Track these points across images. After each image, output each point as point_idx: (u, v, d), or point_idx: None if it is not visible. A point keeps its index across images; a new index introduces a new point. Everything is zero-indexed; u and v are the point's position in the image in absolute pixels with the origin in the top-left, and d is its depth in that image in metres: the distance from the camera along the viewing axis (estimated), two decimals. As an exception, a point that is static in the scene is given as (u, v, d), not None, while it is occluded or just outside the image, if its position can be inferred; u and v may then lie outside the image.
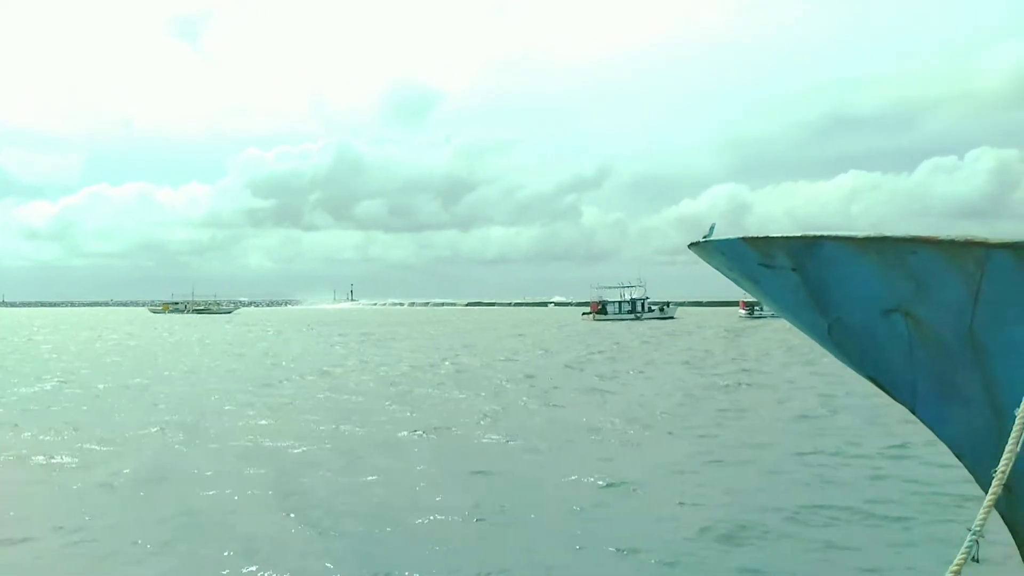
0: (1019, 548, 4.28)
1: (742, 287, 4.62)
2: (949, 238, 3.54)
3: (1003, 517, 4.18)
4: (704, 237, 4.33)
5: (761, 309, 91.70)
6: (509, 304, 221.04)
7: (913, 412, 4.46)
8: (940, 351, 4.07)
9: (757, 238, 4.01)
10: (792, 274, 4.03)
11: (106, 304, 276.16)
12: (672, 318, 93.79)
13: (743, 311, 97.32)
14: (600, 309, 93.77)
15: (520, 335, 54.57)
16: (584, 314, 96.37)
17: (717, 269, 4.62)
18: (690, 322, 79.16)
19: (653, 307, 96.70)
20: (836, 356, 4.54)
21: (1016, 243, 3.44)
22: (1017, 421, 3.13)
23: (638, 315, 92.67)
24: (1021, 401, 3.42)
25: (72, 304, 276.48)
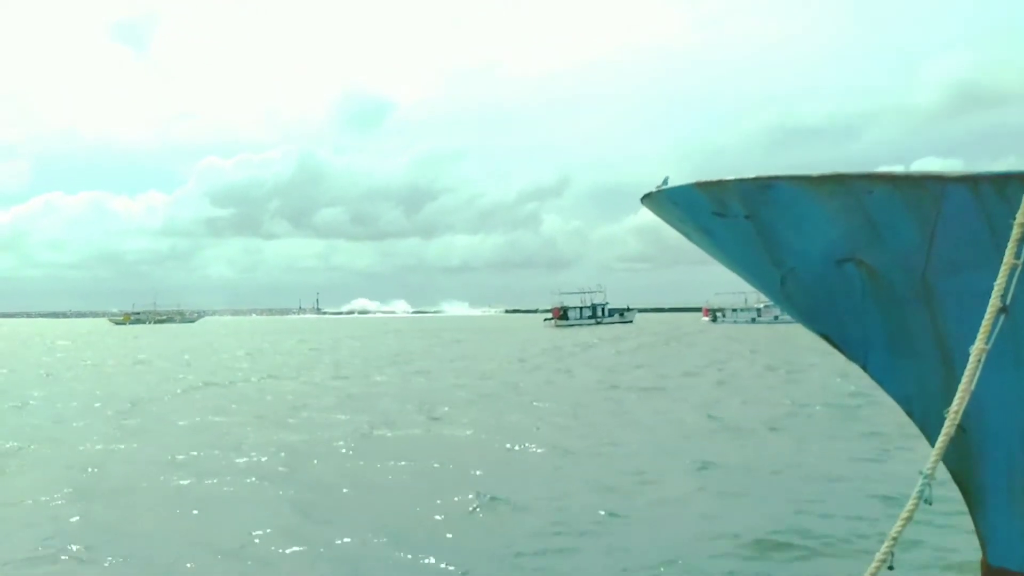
0: (964, 495, 4.24)
1: (693, 240, 4.49)
2: (905, 173, 3.47)
3: (949, 465, 4.12)
4: (657, 187, 4.21)
5: (724, 316, 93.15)
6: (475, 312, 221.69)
7: (864, 369, 4.38)
8: (893, 302, 3.99)
9: (710, 183, 3.90)
10: (745, 222, 3.93)
11: (64, 315, 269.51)
12: (630, 323, 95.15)
13: (706, 318, 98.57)
14: (561, 315, 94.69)
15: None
16: (546, 320, 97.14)
17: (670, 223, 4.51)
18: (645, 327, 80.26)
19: (613, 312, 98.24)
20: (787, 311, 4.46)
21: (974, 175, 3.33)
22: (971, 360, 3.04)
23: (599, 320, 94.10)
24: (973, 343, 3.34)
25: (28, 315, 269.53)
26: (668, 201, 4.25)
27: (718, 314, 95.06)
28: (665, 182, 4.21)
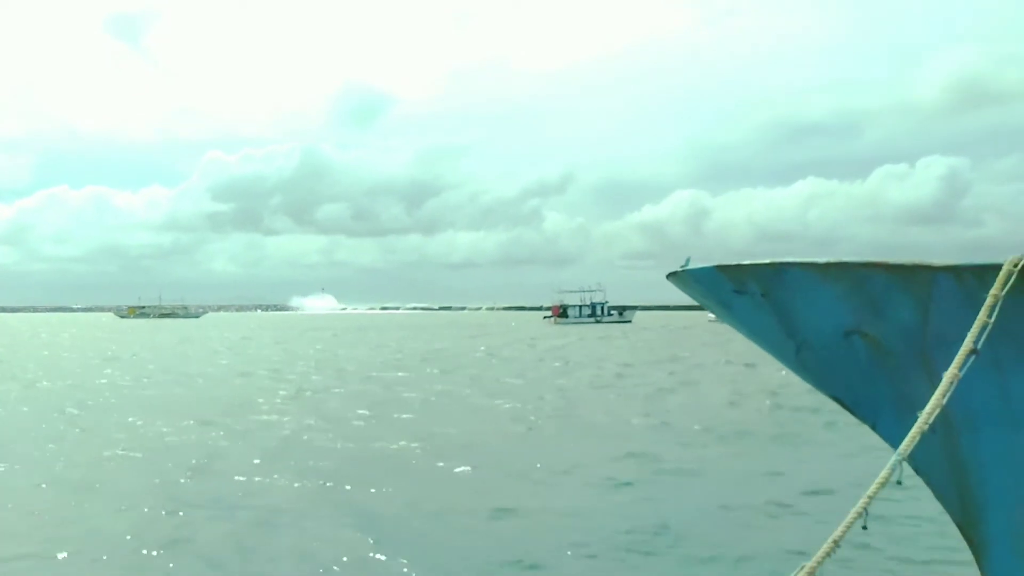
0: (969, 545, 4.61)
1: (716, 314, 4.91)
2: (899, 263, 3.88)
3: (954, 517, 4.52)
4: (681, 267, 4.62)
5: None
6: (480, 308, 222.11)
7: (874, 429, 4.77)
8: (897, 370, 4.40)
9: (730, 266, 4.31)
10: (762, 300, 4.33)
11: (69, 309, 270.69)
12: (629, 322, 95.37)
13: (712, 316, 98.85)
14: (561, 312, 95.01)
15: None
16: (545, 317, 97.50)
17: (693, 297, 4.91)
18: (642, 326, 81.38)
19: (612, 311, 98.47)
20: (803, 378, 4.85)
21: (957, 266, 3.77)
22: (943, 381, 3.50)
23: (598, 318, 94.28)
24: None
25: (34, 309, 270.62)
26: (692, 279, 4.65)
27: None
28: (687, 262, 4.62)
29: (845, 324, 4.28)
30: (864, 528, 3.57)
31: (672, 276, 4.77)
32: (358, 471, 11.47)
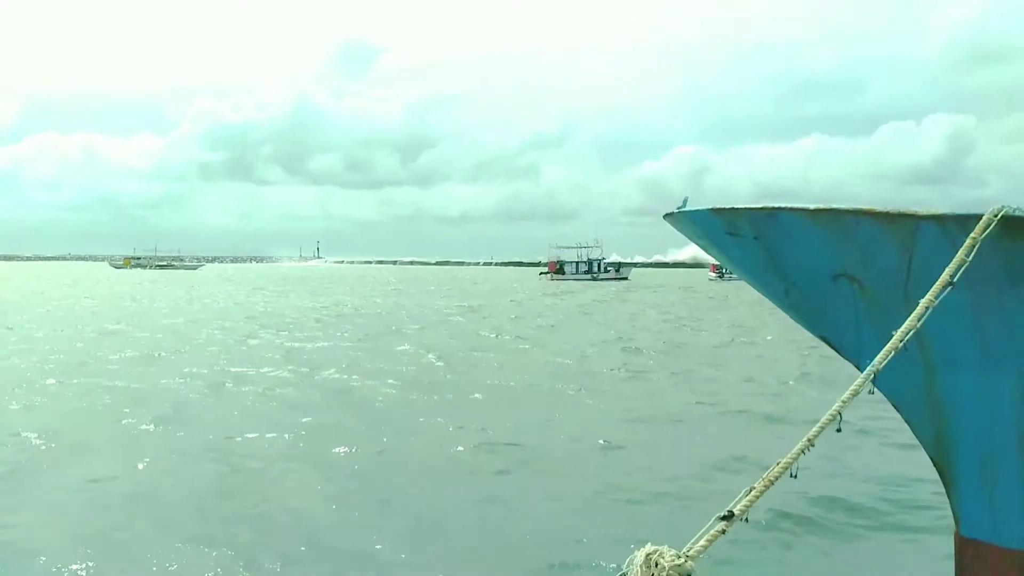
0: (940, 473, 4.86)
1: (710, 254, 5.09)
2: (886, 210, 4.06)
3: (926, 446, 4.81)
4: (677, 208, 4.76)
5: (731, 272, 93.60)
6: (477, 263, 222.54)
7: (858, 368, 4.97)
8: (882, 312, 4.59)
9: (724, 209, 4.47)
10: (754, 242, 4.49)
11: (64, 258, 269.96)
12: (626, 279, 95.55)
13: (713, 274, 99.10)
14: (558, 269, 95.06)
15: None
16: (541, 274, 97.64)
17: (688, 238, 5.07)
18: (641, 284, 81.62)
19: (609, 268, 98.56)
20: (793, 317, 5.04)
21: (942, 215, 3.96)
22: (919, 307, 3.68)
23: (594, 275, 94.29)
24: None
25: (28, 258, 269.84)
26: (688, 220, 4.80)
27: (723, 271, 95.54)
28: (684, 203, 4.76)
29: (833, 268, 4.47)
30: (838, 431, 3.76)
31: (669, 216, 4.92)
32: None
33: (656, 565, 2.29)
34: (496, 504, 8.16)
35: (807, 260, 4.47)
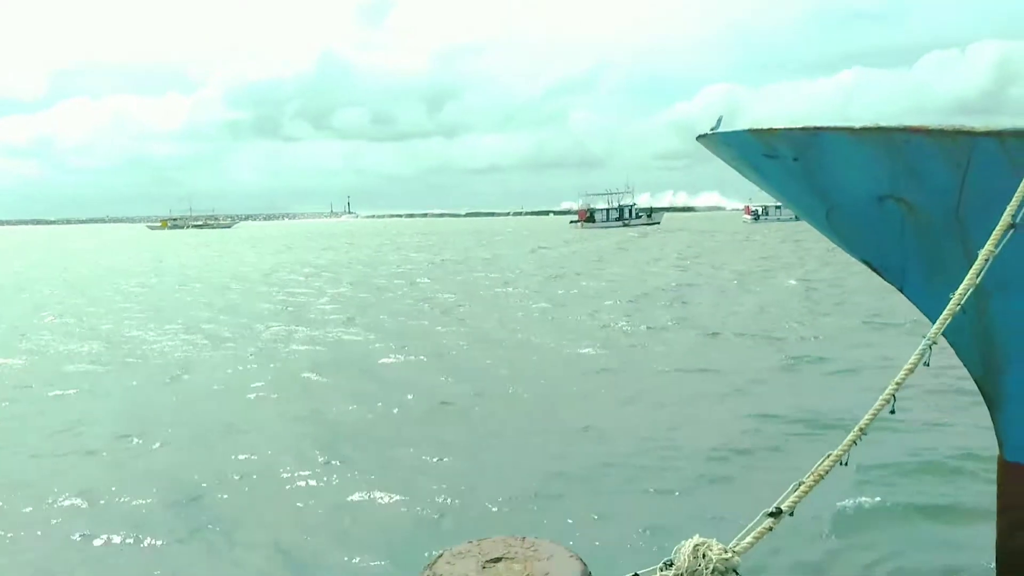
0: (984, 397, 4.76)
1: (747, 177, 4.91)
2: (939, 127, 3.85)
3: (971, 371, 4.68)
4: (712, 129, 4.59)
5: (767, 214, 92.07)
6: (507, 214, 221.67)
7: (902, 291, 4.84)
8: (929, 234, 4.42)
9: (761, 130, 4.29)
10: (793, 164, 4.32)
11: (103, 221, 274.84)
12: (658, 223, 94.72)
13: (748, 216, 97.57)
14: (588, 217, 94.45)
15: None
16: (572, 222, 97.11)
17: (723, 160, 4.90)
18: (672, 227, 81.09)
19: (640, 213, 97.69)
20: (833, 240, 4.89)
21: (1001, 131, 3.75)
22: (979, 259, 3.52)
23: (626, 222, 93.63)
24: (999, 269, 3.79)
25: (68, 221, 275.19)
26: (722, 143, 4.64)
27: (760, 213, 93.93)
28: (719, 123, 4.58)
29: (879, 189, 4.28)
30: (892, 412, 3.63)
31: (702, 138, 4.75)
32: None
33: (704, 556, 2.34)
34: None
35: (851, 181, 4.30)
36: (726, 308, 19.42)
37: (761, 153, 4.40)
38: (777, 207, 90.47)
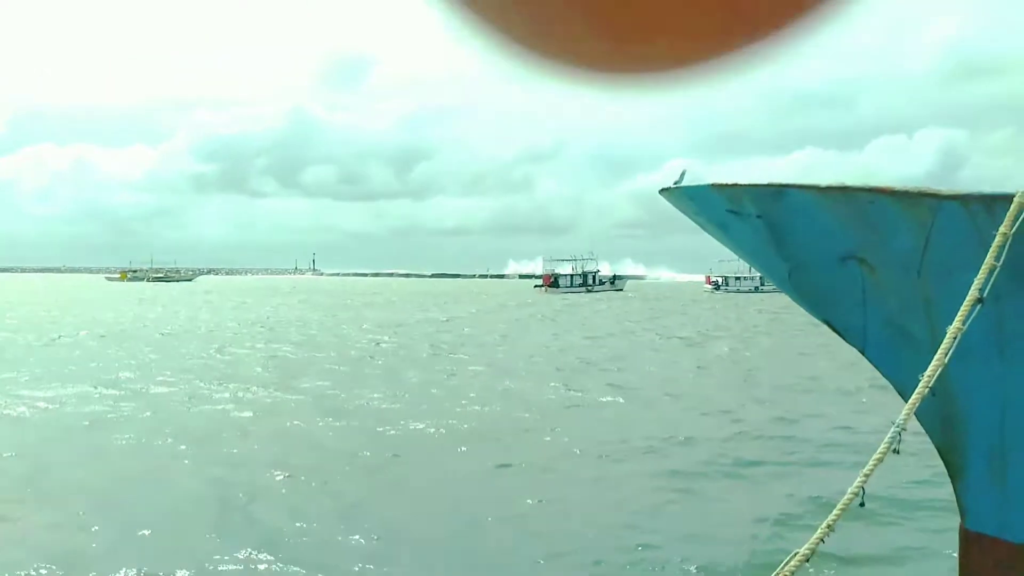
0: (947, 466, 4.69)
1: (709, 233, 4.88)
2: (904, 189, 3.87)
3: (934, 439, 4.60)
4: (675, 183, 4.57)
5: (727, 284, 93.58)
6: (473, 276, 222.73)
7: (863, 353, 4.80)
8: (891, 296, 4.41)
9: (726, 185, 4.29)
10: (757, 221, 4.31)
11: (58, 270, 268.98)
12: (621, 290, 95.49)
13: (708, 286, 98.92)
14: (552, 282, 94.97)
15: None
16: (536, 286, 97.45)
17: (686, 215, 4.88)
18: (643, 294, 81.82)
19: (604, 280, 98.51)
20: (794, 300, 4.86)
21: (965, 195, 3.77)
22: (947, 337, 3.48)
23: (589, 288, 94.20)
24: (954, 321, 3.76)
25: (22, 270, 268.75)
26: (686, 197, 4.62)
27: (720, 283, 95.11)
28: (682, 177, 4.57)
29: (842, 249, 4.28)
30: (862, 505, 3.51)
31: (665, 192, 4.73)
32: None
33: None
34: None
35: (814, 241, 4.29)
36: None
37: (725, 209, 4.38)
38: (737, 278, 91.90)
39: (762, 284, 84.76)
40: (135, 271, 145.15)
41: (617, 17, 0.74)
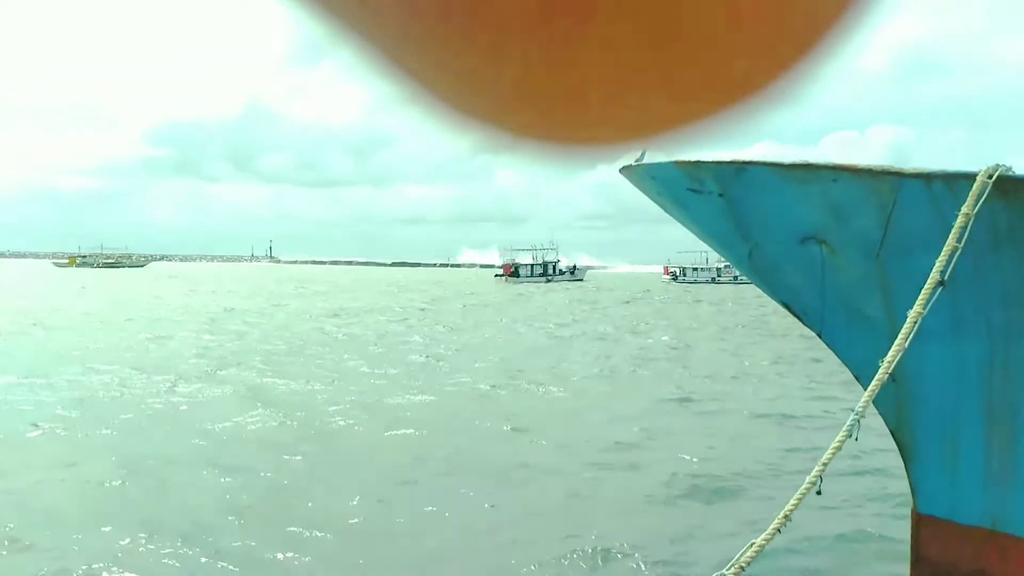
0: (900, 449, 4.71)
1: (670, 213, 4.78)
2: (867, 167, 3.81)
3: (888, 422, 4.60)
4: (635, 161, 4.46)
5: (684, 275, 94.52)
6: (433, 265, 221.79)
7: (820, 336, 4.78)
8: (849, 278, 4.38)
9: (687, 162, 4.19)
10: (719, 200, 4.23)
11: (2, 255, 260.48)
12: (581, 280, 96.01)
13: (667, 276, 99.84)
14: (512, 272, 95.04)
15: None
16: (496, 276, 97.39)
17: (647, 194, 4.77)
18: (591, 285, 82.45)
19: (563, 270, 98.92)
20: (753, 281, 4.81)
21: (930, 173, 3.73)
22: (907, 322, 3.44)
23: (549, 277, 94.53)
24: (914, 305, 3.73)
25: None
26: (646, 175, 4.52)
27: (678, 274, 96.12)
28: (643, 155, 4.45)
29: (803, 229, 4.22)
30: (819, 493, 3.51)
31: (626, 170, 4.61)
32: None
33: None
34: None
35: (775, 221, 4.23)
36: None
37: (686, 187, 4.29)
38: (694, 268, 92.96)
39: (719, 275, 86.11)
40: (84, 256, 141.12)
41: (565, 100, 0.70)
